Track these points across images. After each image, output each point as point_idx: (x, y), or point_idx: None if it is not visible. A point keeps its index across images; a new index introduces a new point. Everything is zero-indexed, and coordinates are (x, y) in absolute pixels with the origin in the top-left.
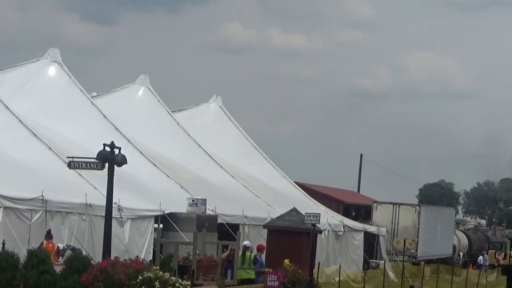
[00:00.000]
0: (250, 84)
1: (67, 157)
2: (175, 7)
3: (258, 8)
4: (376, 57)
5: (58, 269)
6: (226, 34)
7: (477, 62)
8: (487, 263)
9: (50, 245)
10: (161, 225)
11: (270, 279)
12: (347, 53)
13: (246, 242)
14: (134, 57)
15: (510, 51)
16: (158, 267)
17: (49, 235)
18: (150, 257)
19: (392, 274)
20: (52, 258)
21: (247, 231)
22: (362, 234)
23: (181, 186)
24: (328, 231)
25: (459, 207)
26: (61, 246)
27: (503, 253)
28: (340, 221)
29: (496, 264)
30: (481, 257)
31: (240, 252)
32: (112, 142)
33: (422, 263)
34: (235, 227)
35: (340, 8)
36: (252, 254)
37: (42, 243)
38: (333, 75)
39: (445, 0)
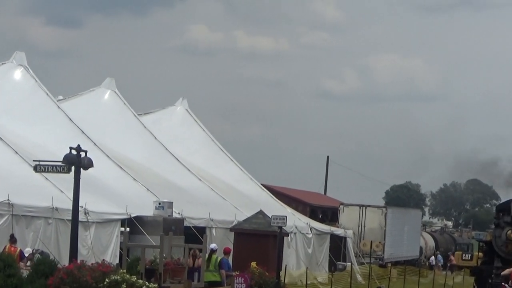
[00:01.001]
0: (216, 87)
1: (33, 160)
2: (141, 10)
3: (224, 11)
4: (342, 59)
5: (24, 273)
6: (192, 37)
7: (444, 64)
8: (440, 263)
9: (13, 249)
10: (127, 229)
11: (237, 281)
12: (314, 55)
13: (213, 245)
14: (100, 61)
15: (476, 52)
16: (125, 270)
17: (12, 239)
18: (117, 261)
19: (359, 276)
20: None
21: (214, 234)
22: (328, 237)
23: (148, 189)
24: (295, 233)
25: (426, 209)
26: (29, 250)
27: (469, 254)
28: (307, 223)
29: (449, 264)
30: (432, 257)
31: (207, 255)
32: (79, 145)
33: (389, 265)
34: (202, 230)
35: (307, 10)
36: (219, 257)
37: (4, 247)
38: (299, 77)
39: (412, 2)
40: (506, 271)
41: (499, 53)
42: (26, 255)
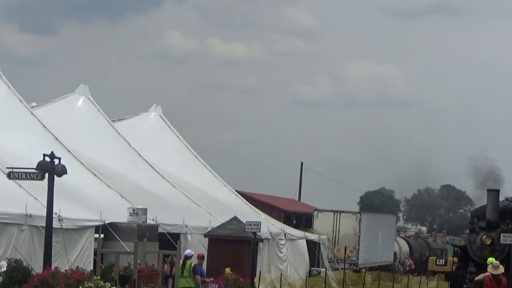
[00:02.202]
0: (190, 93)
1: (7, 167)
2: (115, 17)
3: (198, 18)
4: (316, 65)
5: None
6: (167, 44)
7: (417, 70)
8: (407, 268)
9: None
10: (101, 235)
11: (212, 287)
12: (288, 61)
13: (187, 251)
14: (74, 67)
15: (449, 58)
16: (99, 277)
17: None
18: (91, 267)
19: (333, 282)
20: None
21: (189, 240)
22: (303, 242)
23: (122, 196)
24: (269, 239)
25: (400, 214)
26: (4, 264)
27: (443, 259)
28: (281, 229)
29: (407, 268)
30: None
31: (181, 261)
32: (52, 152)
33: (363, 270)
34: (176, 236)
35: (281, 17)
36: (193, 263)
37: None
38: (273, 84)
39: (386, 9)
40: (480, 276)
41: (472, 59)
42: (3, 269)
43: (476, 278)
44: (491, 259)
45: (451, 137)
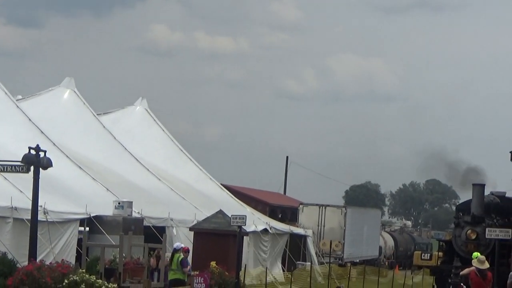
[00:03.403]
0: (176, 87)
1: None
2: (102, 10)
3: (184, 11)
4: (302, 59)
5: None
6: (153, 37)
7: (402, 64)
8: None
9: None
10: (87, 228)
11: (197, 281)
12: (274, 55)
13: (176, 244)
14: (59, 60)
15: (434, 53)
16: (84, 270)
17: None
18: (75, 260)
19: (318, 275)
20: None
21: (175, 233)
22: (288, 236)
23: (107, 189)
24: (255, 232)
25: (385, 209)
26: None
27: (428, 254)
28: (267, 223)
29: (386, 263)
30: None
31: (169, 254)
32: (38, 145)
33: (349, 264)
34: (162, 229)
35: (267, 10)
36: (181, 256)
37: None
38: (259, 78)
39: (371, 3)
40: (465, 271)
41: (456, 53)
42: None
43: (461, 273)
44: (476, 254)
45: (434, 130)
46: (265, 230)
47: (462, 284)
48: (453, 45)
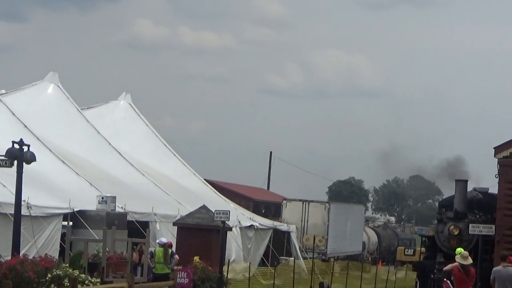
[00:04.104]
0: (160, 82)
1: None
2: (86, 4)
3: (169, 6)
4: (286, 55)
5: None
6: (137, 32)
7: (386, 60)
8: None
9: None
10: (70, 223)
11: (180, 276)
12: (258, 51)
13: (160, 239)
14: (43, 55)
15: (417, 49)
16: (67, 265)
17: None
18: (58, 254)
19: (302, 271)
20: None
21: (158, 229)
22: (271, 231)
23: (91, 184)
24: (238, 228)
25: (369, 204)
26: None
27: (411, 250)
28: (250, 218)
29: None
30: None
31: (162, 248)
32: (21, 139)
33: (332, 260)
34: (145, 224)
35: (251, 6)
36: (169, 251)
37: None
38: (243, 73)
39: None
40: (448, 267)
41: (440, 49)
42: None
43: (444, 268)
44: (459, 250)
45: (418, 126)
46: (249, 225)
47: (445, 279)
48: (436, 41)
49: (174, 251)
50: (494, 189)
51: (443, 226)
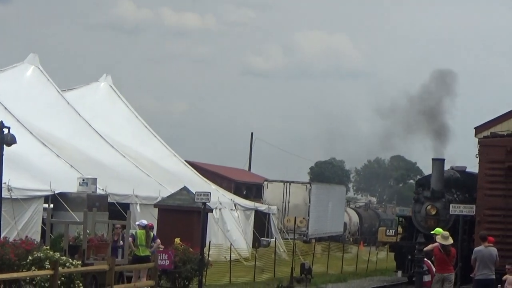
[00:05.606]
0: (142, 64)
1: None
2: None
3: None
4: (268, 36)
5: None
6: (119, 13)
7: (369, 40)
8: None
9: None
10: (51, 205)
11: (161, 258)
12: (240, 32)
13: (140, 221)
14: (23, 36)
15: (401, 28)
16: (48, 247)
17: None
18: (39, 237)
19: (283, 252)
20: None
21: (138, 210)
22: (253, 213)
23: (71, 166)
24: (219, 209)
25: (350, 185)
26: None
27: (393, 230)
28: (231, 199)
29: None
30: None
31: (144, 231)
32: (1, 121)
33: (313, 241)
34: (126, 206)
35: None
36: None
37: None
38: (225, 54)
39: None
40: (429, 247)
41: (423, 28)
42: None
43: (425, 249)
44: (439, 230)
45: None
46: (230, 207)
47: (426, 259)
48: (419, 20)
49: (156, 234)
50: (472, 168)
51: (420, 206)
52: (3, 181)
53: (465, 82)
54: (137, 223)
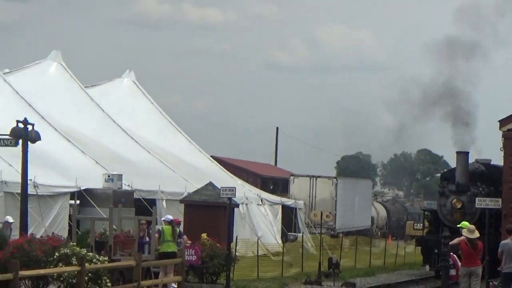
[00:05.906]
0: (165, 59)
1: None
2: None
3: None
4: (291, 30)
5: None
6: (141, 9)
7: (392, 34)
8: None
9: None
10: (77, 201)
11: (188, 253)
12: (262, 26)
13: (166, 217)
14: (46, 33)
15: (422, 23)
16: (75, 244)
17: None
18: (65, 233)
19: (310, 246)
20: None
21: (164, 206)
22: (280, 207)
23: (97, 162)
24: (246, 204)
25: (377, 179)
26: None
27: (420, 224)
28: (258, 194)
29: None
30: None
31: (170, 226)
32: (25, 118)
33: (341, 235)
34: (152, 202)
35: None
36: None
37: None
38: (248, 49)
39: None
40: (455, 241)
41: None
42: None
43: (451, 243)
44: (465, 223)
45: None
46: (257, 202)
47: (452, 253)
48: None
49: (182, 231)
50: (496, 161)
51: (445, 200)
52: (29, 178)
53: (491, 75)
54: (162, 218)
